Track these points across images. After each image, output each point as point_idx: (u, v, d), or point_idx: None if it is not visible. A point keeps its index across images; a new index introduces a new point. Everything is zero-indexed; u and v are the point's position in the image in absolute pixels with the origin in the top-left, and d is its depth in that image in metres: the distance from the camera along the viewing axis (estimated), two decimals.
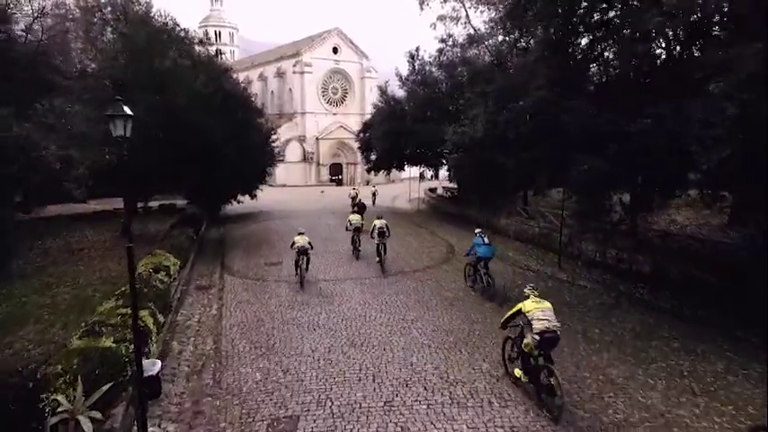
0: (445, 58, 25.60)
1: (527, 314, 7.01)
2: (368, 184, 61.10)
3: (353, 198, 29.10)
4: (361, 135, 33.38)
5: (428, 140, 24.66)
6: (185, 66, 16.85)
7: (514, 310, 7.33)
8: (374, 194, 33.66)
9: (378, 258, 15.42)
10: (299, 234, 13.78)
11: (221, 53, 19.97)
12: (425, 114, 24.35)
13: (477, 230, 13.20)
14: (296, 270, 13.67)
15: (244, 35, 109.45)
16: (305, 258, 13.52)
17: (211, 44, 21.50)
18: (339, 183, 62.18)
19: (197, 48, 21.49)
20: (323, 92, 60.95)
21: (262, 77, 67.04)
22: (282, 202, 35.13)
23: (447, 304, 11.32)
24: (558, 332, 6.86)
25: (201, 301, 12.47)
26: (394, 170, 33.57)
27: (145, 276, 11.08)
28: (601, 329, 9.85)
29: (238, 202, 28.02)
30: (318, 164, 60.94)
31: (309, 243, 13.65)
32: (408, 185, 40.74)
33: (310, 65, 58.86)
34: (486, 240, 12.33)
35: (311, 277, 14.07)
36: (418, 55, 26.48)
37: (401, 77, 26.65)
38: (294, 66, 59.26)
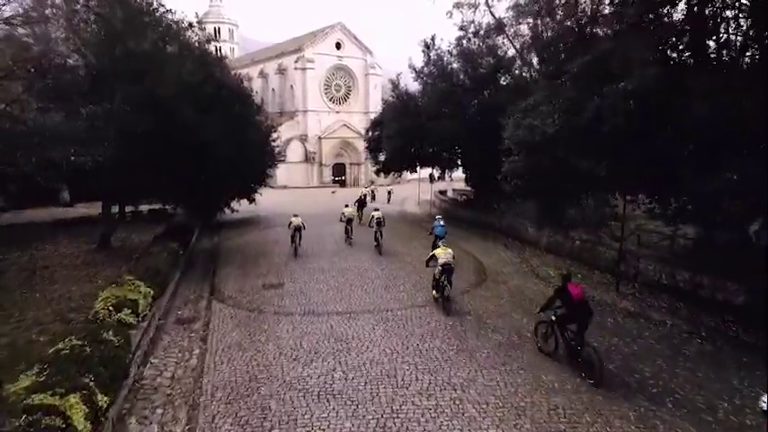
0: (465, 47, 22.84)
1: (437, 255, 11.24)
2: (372, 184, 58.44)
3: (365, 196, 28.36)
4: (369, 134, 30.60)
5: (445, 138, 21.89)
6: (170, 51, 14.14)
7: (430, 255, 11.68)
8: (389, 193, 36.58)
9: (375, 243, 18.42)
10: (294, 216, 17.91)
11: (215, 40, 17.20)
12: (442, 110, 21.59)
13: (437, 216, 18.34)
14: (291, 242, 17.67)
15: (246, 34, 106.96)
16: (299, 234, 17.66)
17: (203, 28, 18.66)
18: (342, 184, 59.44)
19: (187, 33, 18.73)
20: (325, 89, 58.21)
21: (262, 74, 64.32)
22: (284, 206, 32.35)
23: (503, 355, 8.56)
24: (453, 265, 11.24)
25: (180, 342, 9.74)
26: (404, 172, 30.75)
27: (102, 317, 8.37)
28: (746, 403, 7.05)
29: (232, 211, 25.29)
30: (321, 164, 58.23)
31: (303, 223, 17.81)
32: (417, 187, 38.05)
33: (312, 61, 56.11)
34: (441, 223, 16.63)
35: (320, 310, 11.36)
36: (434, 44, 23.68)
37: (415, 69, 23.85)
38: (296, 62, 56.52)
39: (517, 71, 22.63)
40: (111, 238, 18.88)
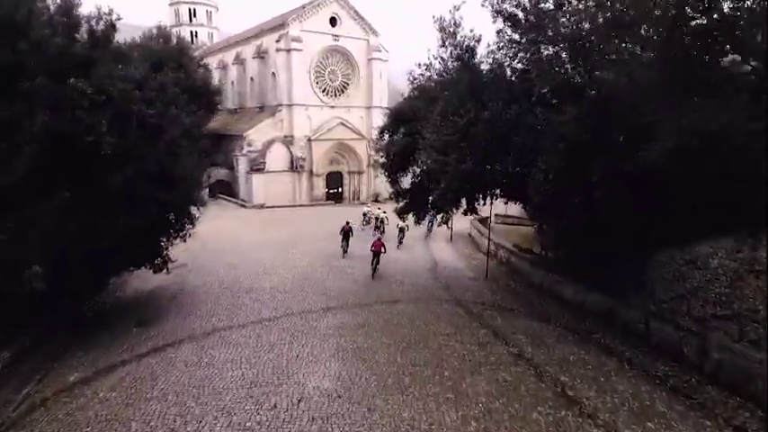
0: None
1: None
2: (376, 199, 45.74)
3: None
4: (386, 137, 17.36)
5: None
6: None
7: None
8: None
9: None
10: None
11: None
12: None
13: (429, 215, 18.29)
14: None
15: (235, 30, 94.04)
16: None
17: None
18: (339, 198, 46.56)
19: None
20: (317, 77, 45.16)
21: (238, 60, 51.49)
22: (244, 259, 19.16)
23: None
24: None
25: None
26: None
27: None
28: None
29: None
30: (311, 173, 45.18)
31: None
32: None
33: (300, 40, 43.03)
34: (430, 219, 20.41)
35: None
36: None
37: (500, 9, 10.61)
38: (278, 41, 43.40)
39: None
40: None
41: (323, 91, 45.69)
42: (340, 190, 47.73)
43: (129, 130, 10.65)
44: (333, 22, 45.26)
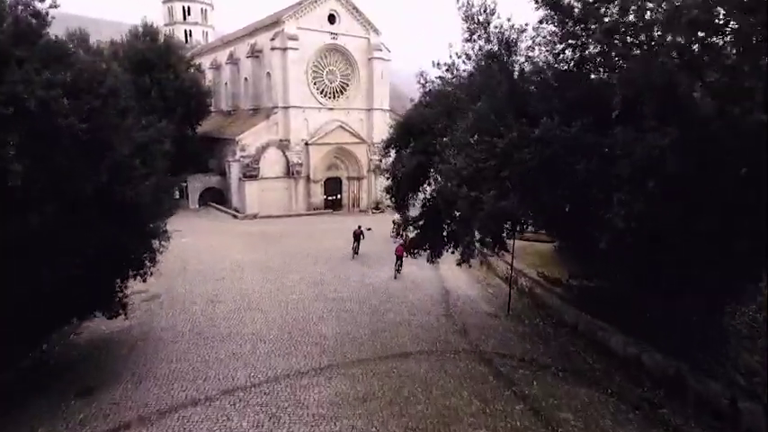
0: None
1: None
2: (376, 207, 43.27)
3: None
4: (393, 152, 14.48)
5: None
6: None
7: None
8: None
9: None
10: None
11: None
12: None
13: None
14: None
15: (232, 29, 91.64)
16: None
17: None
18: (337, 206, 43.94)
19: None
20: (315, 77, 42.50)
21: (232, 59, 48.82)
22: (226, 289, 16.40)
23: None
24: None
25: None
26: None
27: None
28: None
29: None
30: (309, 180, 42.53)
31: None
32: None
33: (296, 38, 40.36)
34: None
35: None
36: None
37: None
38: (273, 40, 40.76)
39: None
40: None
41: (321, 92, 43.01)
42: (339, 197, 45.08)
43: (56, 152, 8.04)
44: (331, 19, 42.59)
